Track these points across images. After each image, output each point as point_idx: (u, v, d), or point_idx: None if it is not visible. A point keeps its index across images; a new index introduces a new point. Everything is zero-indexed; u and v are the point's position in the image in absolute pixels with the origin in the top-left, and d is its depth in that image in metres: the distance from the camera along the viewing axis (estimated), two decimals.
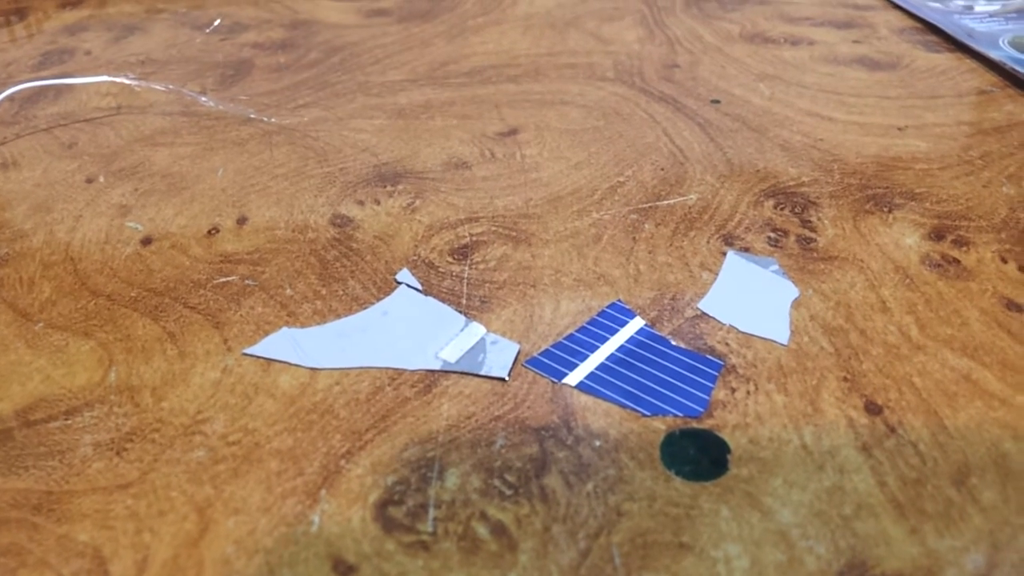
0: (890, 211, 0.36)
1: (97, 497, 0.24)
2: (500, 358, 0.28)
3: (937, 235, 0.34)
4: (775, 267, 0.32)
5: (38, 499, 0.24)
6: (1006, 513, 0.23)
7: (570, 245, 0.34)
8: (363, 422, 0.26)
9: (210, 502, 0.24)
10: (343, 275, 0.33)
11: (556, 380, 0.27)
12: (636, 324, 0.30)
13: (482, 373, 0.28)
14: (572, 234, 0.35)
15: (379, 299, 0.31)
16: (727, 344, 0.29)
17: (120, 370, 0.28)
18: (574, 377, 0.27)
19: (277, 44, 0.58)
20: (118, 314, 0.31)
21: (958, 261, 0.33)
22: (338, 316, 0.31)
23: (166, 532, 0.23)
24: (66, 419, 0.27)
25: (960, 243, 0.34)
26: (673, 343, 0.29)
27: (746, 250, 0.33)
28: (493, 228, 0.35)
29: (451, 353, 0.28)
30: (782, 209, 0.36)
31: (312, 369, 0.28)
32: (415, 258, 0.34)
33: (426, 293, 0.32)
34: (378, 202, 0.38)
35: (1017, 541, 0.22)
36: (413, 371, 0.28)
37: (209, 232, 0.36)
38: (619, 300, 0.31)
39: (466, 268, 0.33)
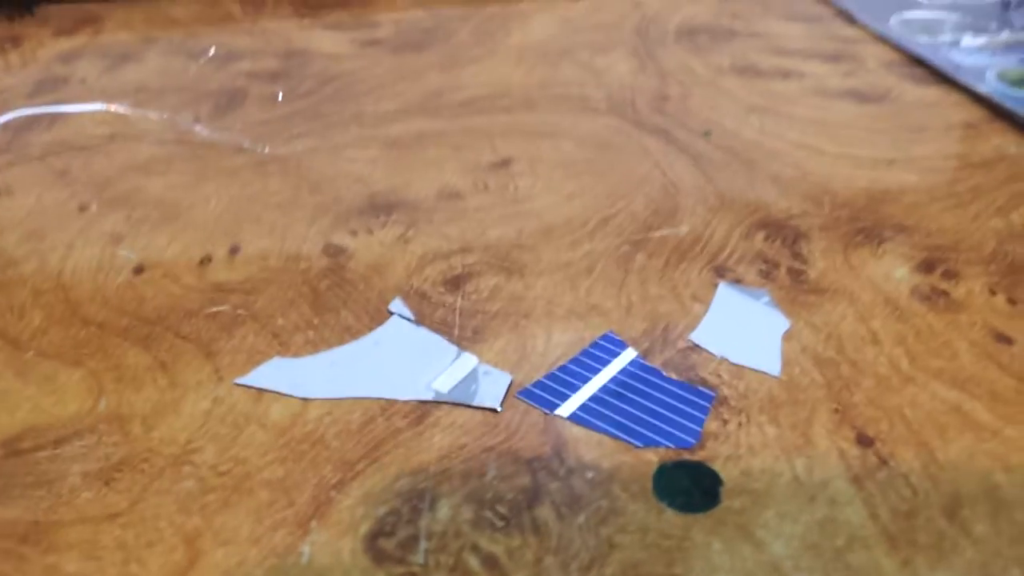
0: (880, 243, 0.36)
1: (85, 527, 0.24)
2: (492, 389, 0.28)
3: (927, 267, 0.34)
4: (766, 299, 0.32)
5: (25, 529, 0.24)
6: (998, 545, 0.23)
7: (563, 276, 0.34)
8: (354, 452, 0.26)
9: (199, 533, 0.23)
10: (335, 305, 0.33)
11: (548, 411, 0.27)
12: (628, 355, 0.30)
13: (474, 404, 0.27)
14: (564, 265, 0.35)
15: (371, 329, 0.31)
16: (719, 375, 0.29)
17: (110, 399, 0.28)
18: (566, 408, 0.27)
19: (271, 74, 0.58)
20: (109, 343, 0.31)
21: (947, 293, 0.33)
22: (330, 346, 0.31)
23: (154, 563, 0.23)
24: (55, 448, 0.26)
25: (949, 275, 0.34)
26: (665, 374, 0.29)
27: (737, 282, 0.34)
28: (486, 259, 0.35)
29: (443, 383, 0.28)
30: (773, 241, 0.36)
31: (304, 399, 0.28)
32: (408, 288, 0.34)
33: (418, 323, 0.32)
34: (371, 232, 0.38)
35: (1009, 573, 0.22)
36: (405, 401, 0.28)
37: (201, 261, 0.36)
38: (611, 331, 0.31)
39: (459, 299, 0.33)
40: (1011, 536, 0.23)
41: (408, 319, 0.32)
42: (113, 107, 0.53)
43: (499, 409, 0.27)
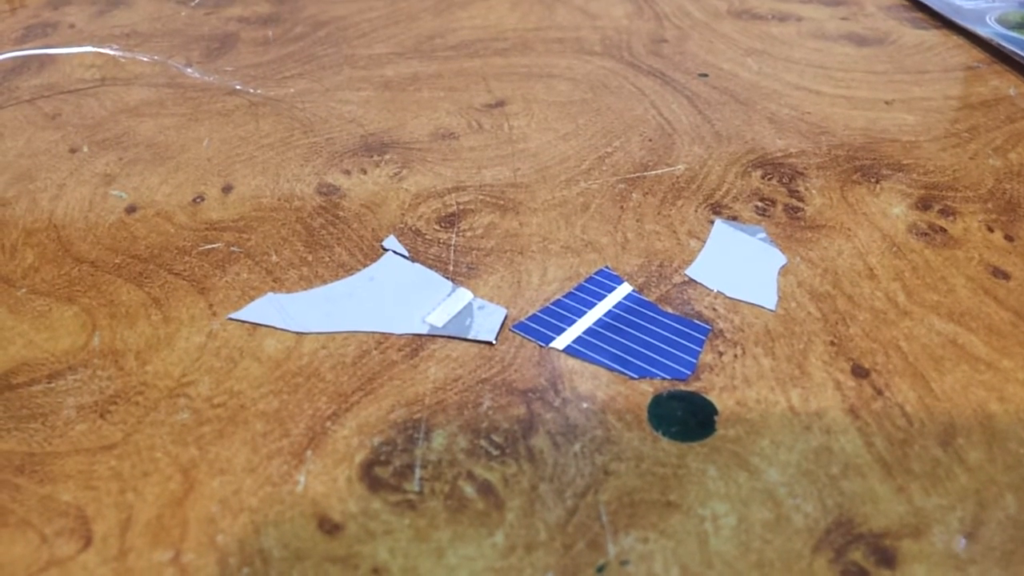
0: (877, 182, 0.36)
1: (80, 458, 0.24)
2: (487, 322, 0.28)
3: (924, 205, 0.34)
4: (762, 235, 0.32)
5: (20, 460, 0.24)
6: (992, 472, 0.23)
7: (558, 214, 0.34)
8: (349, 385, 0.26)
9: (195, 463, 0.23)
10: (329, 242, 0.33)
11: (543, 344, 0.27)
12: (624, 290, 0.29)
13: (469, 337, 0.27)
14: (560, 203, 0.35)
15: (366, 265, 0.31)
16: (715, 309, 0.29)
17: (104, 335, 0.28)
18: (562, 341, 0.27)
19: (263, 18, 0.58)
20: (102, 280, 0.31)
21: (945, 230, 0.33)
22: (324, 282, 0.30)
23: (150, 492, 0.23)
24: (48, 383, 0.26)
25: (947, 213, 0.34)
26: (661, 308, 0.29)
27: (734, 219, 0.33)
28: (480, 197, 0.35)
29: (438, 317, 0.28)
30: (770, 179, 0.36)
31: (298, 333, 0.28)
32: (402, 226, 0.33)
33: (413, 260, 0.31)
34: (364, 171, 0.37)
35: (1003, 499, 0.22)
36: (400, 335, 0.28)
37: (194, 200, 0.36)
38: (607, 267, 0.31)
39: (453, 236, 0.33)
40: (1005, 464, 0.23)
41: (403, 255, 0.31)
42: (104, 50, 0.52)
43: (494, 342, 0.27)
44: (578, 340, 0.27)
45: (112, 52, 0.52)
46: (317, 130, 0.41)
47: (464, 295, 0.29)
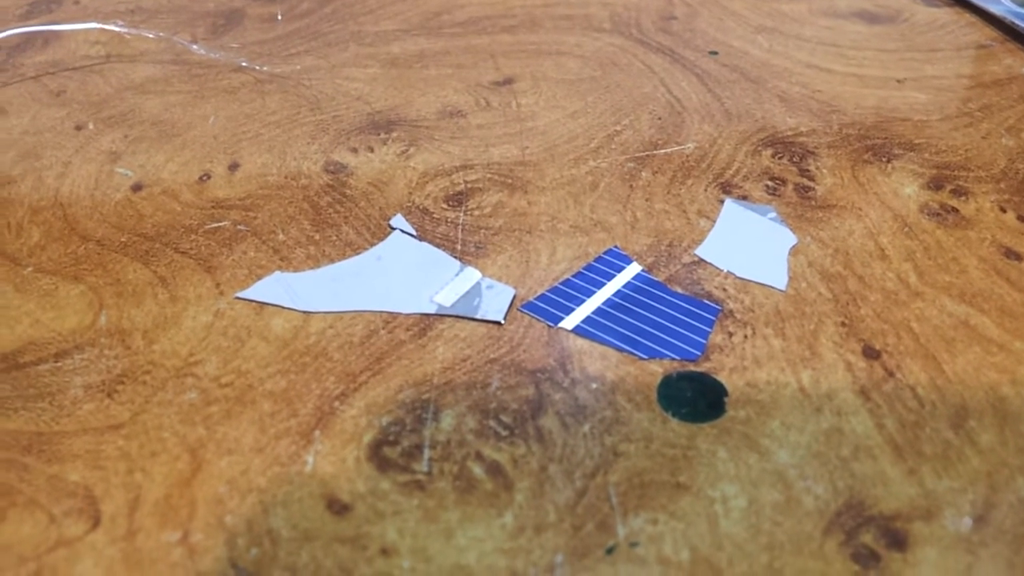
0: (889, 161, 0.35)
1: (88, 438, 0.24)
2: (496, 302, 0.28)
3: (936, 185, 0.34)
4: (773, 215, 0.32)
5: (28, 440, 0.24)
6: (1004, 455, 0.22)
7: (566, 193, 0.34)
8: (357, 364, 0.26)
9: (202, 443, 0.23)
10: (336, 221, 0.32)
11: (552, 324, 0.27)
12: (633, 270, 0.29)
13: (478, 317, 0.27)
14: (569, 182, 0.34)
15: (373, 244, 0.31)
16: (724, 290, 0.28)
17: (110, 313, 0.28)
18: (570, 321, 0.27)
19: None
20: (108, 259, 0.31)
21: (957, 210, 0.32)
22: (331, 261, 0.30)
23: (158, 472, 0.23)
24: (56, 362, 0.26)
25: (959, 193, 0.33)
26: (670, 288, 0.28)
27: (744, 198, 0.33)
28: (488, 175, 0.35)
29: (446, 297, 0.28)
30: (780, 158, 0.36)
31: (305, 313, 0.28)
32: (409, 204, 0.33)
33: (420, 239, 0.31)
34: (372, 149, 0.37)
35: (1015, 482, 0.22)
36: (408, 315, 0.28)
37: (200, 178, 0.35)
38: (616, 246, 0.30)
39: (461, 214, 0.33)
40: (1017, 446, 0.23)
41: (410, 234, 0.31)
42: (109, 26, 0.52)
43: (503, 322, 0.27)
44: (587, 320, 0.27)
45: (117, 28, 0.52)
46: (324, 107, 0.41)
47: (472, 275, 0.29)
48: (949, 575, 0.20)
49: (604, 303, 0.28)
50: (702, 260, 0.30)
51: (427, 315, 0.28)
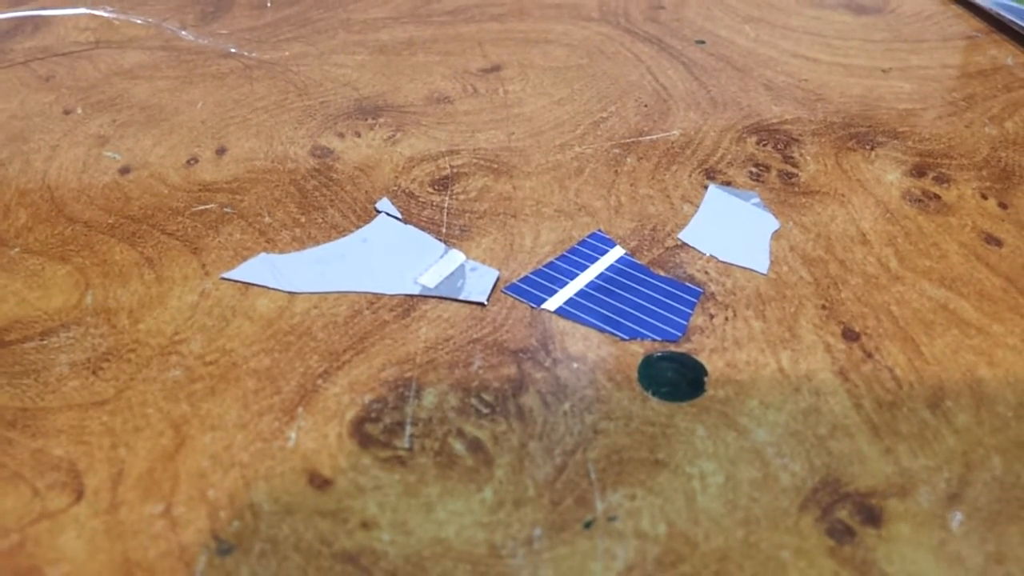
0: (872, 148, 0.36)
1: (72, 414, 0.24)
2: (479, 283, 0.28)
3: (919, 172, 0.34)
4: (756, 200, 0.32)
5: (12, 415, 0.24)
6: (979, 434, 0.23)
7: (551, 177, 0.34)
8: (341, 344, 0.26)
9: (186, 419, 0.23)
10: (322, 204, 0.32)
11: (535, 305, 0.27)
12: (616, 253, 0.29)
13: (461, 298, 0.27)
14: (554, 167, 0.35)
15: (359, 227, 0.31)
16: (706, 273, 0.29)
17: (96, 293, 0.28)
18: (553, 303, 0.27)
19: None
20: (95, 240, 0.31)
21: (939, 197, 0.33)
22: (317, 243, 0.30)
23: (142, 447, 0.23)
24: (41, 340, 0.26)
25: (941, 180, 0.34)
26: (652, 271, 0.29)
27: (728, 184, 0.33)
28: (474, 160, 0.35)
29: (430, 278, 0.28)
30: (764, 145, 0.36)
31: (290, 293, 0.28)
32: (395, 188, 0.33)
33: (406, 222, 0.31)
34: (359, 134, 0.37)
35: (990, 461, 0.22)
36: (392, 296, 0.28)
37: (188, 162, 0.35)
38: (599, 230, 0.31)
39: (446, 198, 0.33)
40: (993, 426, 0.23)
41: (395, 217, 0.31)
42: (98, 12, 0.52)
43: (486, 303, 0.27)
44: (569, 302, 0.27)
45: (106, 14, 0.52)
46: (311, 93, 0.41)
47: (456, 257, 0.29)
48: (922, 550, 0.20)
49: (587, 285, 0.28)
50: (685, 244, 0.30)
51: (411, 296, 0.28)
